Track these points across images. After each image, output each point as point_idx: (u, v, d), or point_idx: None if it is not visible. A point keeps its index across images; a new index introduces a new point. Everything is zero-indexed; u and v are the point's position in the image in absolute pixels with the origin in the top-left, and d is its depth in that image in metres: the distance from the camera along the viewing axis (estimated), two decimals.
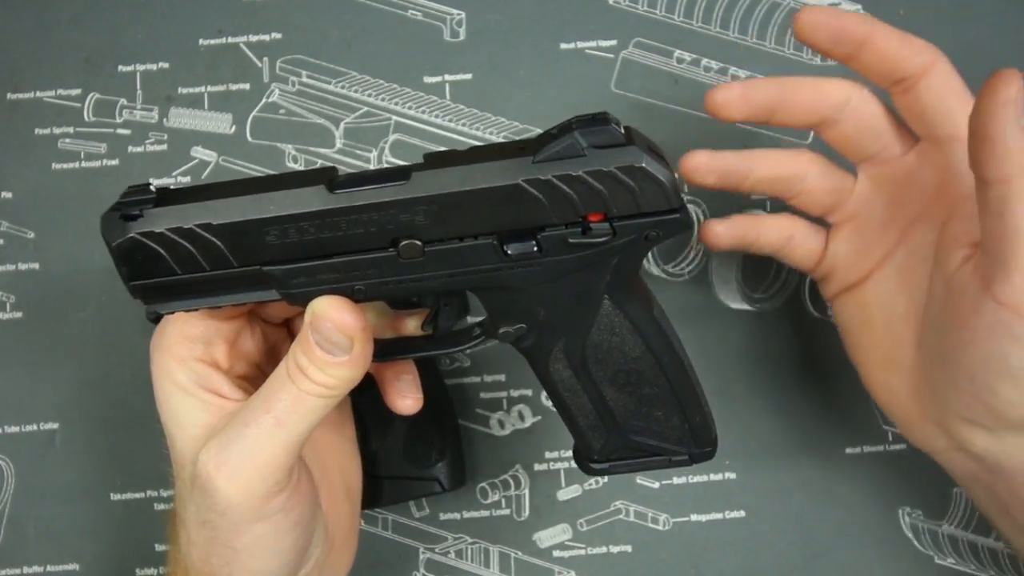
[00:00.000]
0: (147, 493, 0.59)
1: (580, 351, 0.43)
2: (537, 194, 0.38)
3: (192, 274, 0.41)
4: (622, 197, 0.38)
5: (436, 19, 0.63)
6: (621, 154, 0.38)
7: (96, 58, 0.63)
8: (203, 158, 0.62)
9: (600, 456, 0.47)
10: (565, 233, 0.39)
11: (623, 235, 0.39)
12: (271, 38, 0.63)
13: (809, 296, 0.60)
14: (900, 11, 0.63)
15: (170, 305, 0.42)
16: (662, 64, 0.62)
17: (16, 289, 0.61)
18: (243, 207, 0.39)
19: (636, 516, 0.59)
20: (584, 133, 0.38)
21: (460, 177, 0.38)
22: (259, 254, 0.40)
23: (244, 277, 0.41)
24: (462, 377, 0.60)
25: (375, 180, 0.39)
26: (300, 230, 0.39)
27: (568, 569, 0.59)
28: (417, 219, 0.39)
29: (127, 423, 0.59)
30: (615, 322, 0.42)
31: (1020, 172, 0.39)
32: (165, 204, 0.40)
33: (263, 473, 0.41)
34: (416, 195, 0.38)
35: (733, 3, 0.63)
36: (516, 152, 0.39)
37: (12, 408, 0.60)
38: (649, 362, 0.44)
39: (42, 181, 0.61)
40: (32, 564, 0.59)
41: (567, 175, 0.38)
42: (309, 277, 0.41)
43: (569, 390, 0.45)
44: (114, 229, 0.40)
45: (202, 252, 0.40)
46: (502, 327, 0.43)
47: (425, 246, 0.39)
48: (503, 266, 0.40)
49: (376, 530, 0.59)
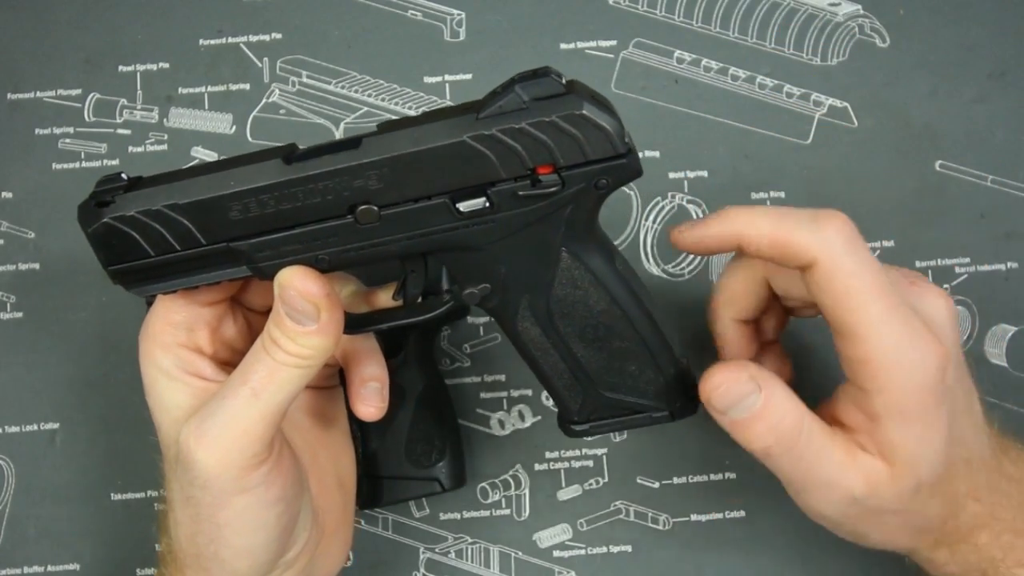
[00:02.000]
0: (147, 493, 0.59)
1: (545, 307, 0.44)
2: (483, 150, 0.39)
3: (165, 255, 0.42)
4: (567, 146, 0.39)
5: (436, 19, 0.63)
6: (562, 103, 0.38)
7: (96, 58, 0.63)
8: (203, 158, 0.62)
9: (580, 417, 0.47)
10: (514, 187, 0.40)
11: (572, 184, 0.39)
12: (271, 38, 0.63)
13: None
14: (900, 11, 0.63)
15: (148, 288, 0.44)
16: (662, 64, 0.62)
17: (16, 289, 0.61)
18: (206, 185, 0.41)
19: (636, 516, 0.59)
20: (525, 86, 0.38)
21: (407, 139, 0.39)
22: (225, 230, 0.41)
23: (214, 255, 0.42)
24: (462, 377, 0.60)
25: (329, 151, 0.40)
26: (260, 203, 0.41)
27: (568, 569, 0.59)
28: (370, 184, 0.40)
29: (127, 423, 0.59)
30: (576, 275, 0.43)
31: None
32: (136, 190, 0.42)
33: (241, 443, 0.41)
34: (367, 160, 0.39)
35: (733, 3, 0.63)
36: (462, 111, 0.39)
37: (12, 408, 0.60)
38: (616, 315, 0.44)
39: (42, 181, 0.61)
40: (32, 564, 0.59)
41: (510, 128, 0.38)
42: (274, 250, 0.42)
43: (540, 349, 0.45)
44: (88, 216, 0.42)
45: (172, 232, 0.42)
46: (466, 288, 0.43)
47: (381, 211, 0.40)
48: (458, 225, 0.41)
49: (376, 530, 0.59)
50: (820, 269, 0.42)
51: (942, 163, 0.61)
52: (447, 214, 0.40)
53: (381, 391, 0.48)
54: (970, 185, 0.61)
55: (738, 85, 0.62)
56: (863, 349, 0.41)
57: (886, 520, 0.44)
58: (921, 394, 0.42)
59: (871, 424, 0.42)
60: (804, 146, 0.61)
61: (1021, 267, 0.61)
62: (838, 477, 0.43)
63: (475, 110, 0.39)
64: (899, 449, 0.42)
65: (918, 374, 0.41)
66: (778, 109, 0.62)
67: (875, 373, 0.41)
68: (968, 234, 0.61)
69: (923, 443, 0.42)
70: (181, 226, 0.41)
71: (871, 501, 0.43)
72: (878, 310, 0.41)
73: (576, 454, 0.60)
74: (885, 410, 0.42)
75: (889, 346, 0.41)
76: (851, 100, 0.62)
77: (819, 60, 0.62)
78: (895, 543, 0.46)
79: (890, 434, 0.42)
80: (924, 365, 0.41)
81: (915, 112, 0.62)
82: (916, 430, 0.42)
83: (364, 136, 0.40)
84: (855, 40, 0.62)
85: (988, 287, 0.60)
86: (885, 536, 0.46)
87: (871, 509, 0.43)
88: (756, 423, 0.42)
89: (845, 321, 0.42)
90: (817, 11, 0.62)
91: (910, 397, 0.41)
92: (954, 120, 0.62)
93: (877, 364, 0.41)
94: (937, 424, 0.42)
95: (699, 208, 0.61)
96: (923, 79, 0.62)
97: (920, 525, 0.45)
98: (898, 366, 0.41)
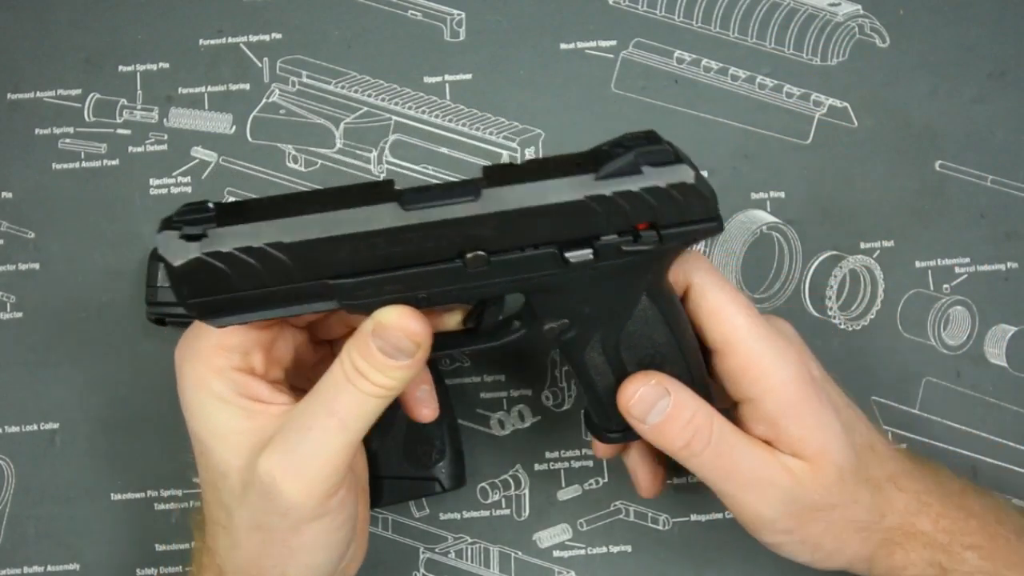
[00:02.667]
0: (147, 493, 0.59)
1: (615, 340, 0.46)
2: (598, 208, 0.41)
3: (255, 290, 0.41)
4: (671, 209, 0.42)
5: (436, 19, 0.63)
6: (673, 172, 0.41)
7: (96, 58, 0.63)
8: (203, 158, 0.62)
9: (617, 427, 0.49)
10: (619, 241, 0.42)
11: (668, 241, 0.42)
12: (271, 38, 0.63)
13: (809, 296, 0.60)
14: (900, 11, 0.63)
15: (227, 319, 0.42)
16: (662, 64, 0.62)
17: (16, 289, 0.61)
18: (315, 225, 0.40)
19: (636, 516, 0.59)
20: (641, 153, 0.41)
21: (528, 194, 0.41)
22: (326, 269, 0.41)
23: (308, 290, 0.42)
24: (462, 377, 0.60)
25: (443, 196, 0.41)
26: (371, 246, 0.41)
27: (568, 569, 0.59)
28: (485, 233, 0.41)
29: (127, 423, 0.59)
30: (649, 314, 0.46)
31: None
32: (226, 223, 0.40)
33: (327, 473, 0.42)
34: (486, 211, 0.41)
35: (733, 3, 0.63)
36: (575, 168, 0.41)
37: (12, 408, 0.60)
38: (672, 346, 0.46)
39: (42, 181, 0.61)
40: (32, 564, 0.59)
41: (627, 191, 0.41)
42: (375, 288, 0.42)
43: (599, 373, 0.47)
44: (176, 250, 0.40)
45: (268, 269, 0.41)
46: (547, 324, 0.45)
47: (490, 256, 0.42)
48: (560, 272, 0.43)
49: (376, 530, 0.59)
50: (694, 290, 0.46)
51: (942, 163, 0.61)
52: (553, 262, 0.42)
53: (432, 392, 0.50)
54: (970, 185, 0.61)
55: (738, 85, 0.62)
56: (741, 358, 0.46)
57: (829, 518, 0.47)
58: (801, 387, 0.46)
59: (773, 430, 0.46)
60: (804, 146, 0.61)
61: (1021, 267, 0.61)
62: (763, 471, 0.45)
63: (588, 168, 0.41)
64: (804, 442, 0.46)
65: (791, 369, 0.46)
66: (778, 109, 0.62)
67: (756, 378, 0.46)
68: (968, 234, 0.61)
69: (823, 431, 0.46)
70: (280, 263, 0.41)
71: (803, 496, 0.46)
72: (744, 322, 0.46)
73: (576, 454, 0.60)
74: (778, 410, 0.46)
75: (762, 350, 0.46)
76: (851, 100, 0.62)
77: (819, 60, 0.62)
78: (851, 549, 0.48)
79: (791, 431, 0.46)
80: (793, 362, 0.46)
81: (915, 112, 0.62)
82: (811, 421, 0.46)
83: (479, 184, 0.41)
84: (855, 40, 0.62)
85: (988, 287, 0.60)
86: (837, 539, 0.47)
87: (807, 506, 0.46)
88: (671, 424, 0.45)
89: (720, 333, 0.46)
90: (817, 11, 0.62)
91: (793, 392, 0.46)
92: (954, 120, 0.62)
93: (756, 369, 0.46)
94: (826, 412, 0.46)
95: None
96: (923, 79, 0.62)
97: (862, 520, 0.47)
98: (773, 366, 0.46)
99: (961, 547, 0.48)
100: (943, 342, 0.60)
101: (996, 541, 0.48)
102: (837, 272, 0.60)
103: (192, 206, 0.41)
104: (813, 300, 0.60)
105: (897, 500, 0.48)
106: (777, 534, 0.47)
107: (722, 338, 0.46)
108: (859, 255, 0.61)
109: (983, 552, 0.48)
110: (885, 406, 0.60)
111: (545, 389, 0.60)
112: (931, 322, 0.60)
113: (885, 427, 0.59)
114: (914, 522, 0.48)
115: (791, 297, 0.60)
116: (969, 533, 0.48)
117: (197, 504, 0.59)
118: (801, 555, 0.48)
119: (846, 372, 0.54)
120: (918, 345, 0.60)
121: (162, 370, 0.60)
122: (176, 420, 0.59)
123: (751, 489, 0.46)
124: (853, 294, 0.60)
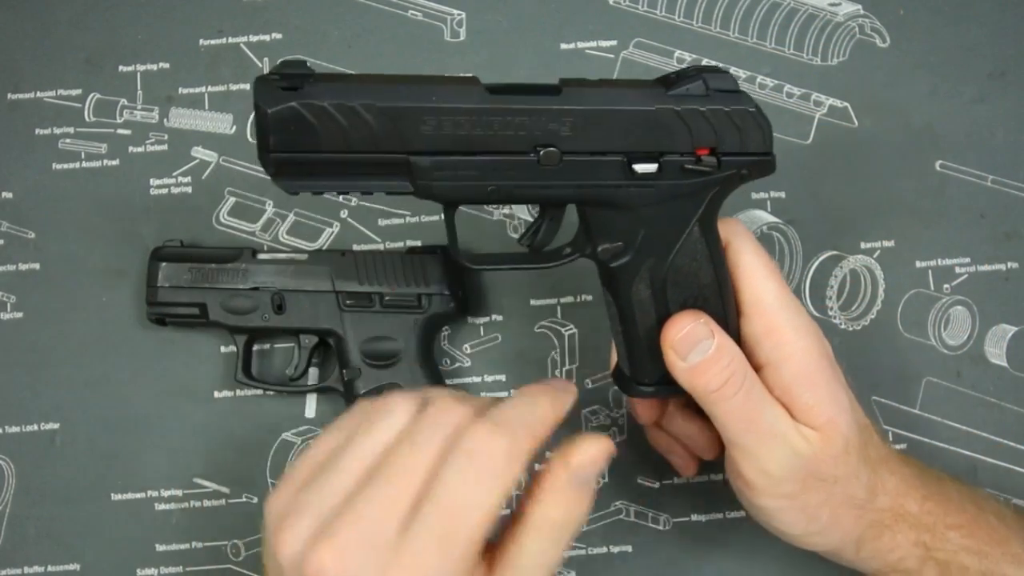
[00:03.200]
0: (147, 493, 0.59)
1: (663, 273, 0.47)
2: (666, 122, 0.44)
3: (340, 153, 0.42)
4: (731, 135, 0.44)
5: (436, 19, 0.63)
6: (736, 99, 0.44)
7: (96, 58, 0.63)
8: (203, 158, 0.62)
9: (649, 380, 0.50)
10: (682, 160, 0.44)
11: (725, 169, 0.45)
12: (271, 38, 0.63)
13: (809, 296, 0.60)
14: (900, 11, 0.63)
15: (304, 184, 0.43)
16: (662, 64, 0.62)
17: (16, 289, 0.61)
18: (406, 93, 0.42)
19: (636, 516, 0.59)
20: (710, 77, 0.44)
21: (604, 96, 0.43)
22: (409, 142, 0.42)
23: (387, 164, 0.43)
24: (462, 377, 0.60)
25: (527, 90, 0.43)
26: (455, 124, 0.42)
27: (568, 569, 0.59)
28: (562, 129, 0.43)
29: (127, 423, 0.59)
30: (696, 248, 0.47)
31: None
32: (323, 82, 0.41)
33: None
34: (566, 107, 0.43)
35: (733, 3, 0.63)
36: (650, 85, 0.44)
37: (12, 408, 0.60)
38: (714, 289, 0.48)
39: (42, 181, 0.61)
40: (32, 564, 0.59)
41: (694, 109, 0.44)
42: (451, 172, 0.43)
43: (643, 310, 0.48)
44: (272, 96, 0.41)
45: (356, 132, 0.42)
46: (602, 244, 0.46)
47: (563, 156, 0.43)
48: (625, 184, 0.44)
49: None
50: (732, 249, 0.48)
51: (942, 163, 0.61)
52: (620, 171, 0.44)
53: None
54: (970, 185, 0.61)
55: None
56: (766, 320, 0.47)
57: (831, 490, 0.47)
58: (818, 358, 0.47)
59: (787, 396, 0.47)
60: (804, 146, 0.61)
61: (1021, 267, 0.61)
62: (782, 427, 0.46)
63: (663, 86, 0.44)
64: (816, 411, 0.46)
65: (811, 340, 0.47)
66: (778, 109, 0.62)
67: (780, 342, 0.47)
68: (968, 234, 0.61)
69: (834, 403, 0.47)
70: (368, 128, 0.42)
71: (810, 462, 0.46)
72: (774, 287, 0.47)
73: None
74: (794, 379, 0.46)
75: (788, 317, 0.47)
76: (851, 100, 0.62)
77: (819, 60, 0.62)
78: (844, 527, 0.49)
79: (805, 398, 0.47)
80: (813, 333, 0.47)
81: (915, 112, 0.62)
82: (823, 391, 0.47)
83: (561, 85, 0.43)
84: (855, 40, 0.62)
85: (988, 287, 0.60)
86: (834, 514, 0.48)
87: (813, 473, 0.47)
88: (712, 365, 0.46)
89: (752, 294, 0.47)
90: (817, 11, 0.62)
91: (810, 361, 0.47)
92: (954, 120, 0.62)
93: (779, 334, 0.47)
94: (837, 386, 0.48)
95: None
96: (923, 79, 0.62)
97: (859, 497, 0.48)
98: (795, 333, 0.47)
99: (944, 527, 0.49)
100: (943, 342, 0.60)
101: (977, 522, 0.50)
102: (837, 272, 0.60)
103: (291, 63, 0.42)
104: (813, 300, 0.60)
105: (888, 481, 0.49)
106: (779, 498, 0.48)
107: (753, 299, 0.47)
108: (859, 255, 0.61)
109: (964, 532, 0.49)
110: (885, 406, 0.60)
111: None
112: (931, 322, 0.60)
113: (885, 427, 0.59)
114: (903, 503, 0.49)
115: None
116: (951, 514, 0.49)
117: (197, 504, 0.59)
118: (795, 525, 0.49)
119: (846, 372, 0.54)
120: (918, 345, 0.60)
121: (162, 370, 0.60)
122: (176, 420, 0.60)
123: (766, 443, 0.46)
124: (853, 294, 0.61)
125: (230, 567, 0.58)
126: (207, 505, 0.59)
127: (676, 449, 0.54)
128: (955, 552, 0.49)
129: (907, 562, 0.49)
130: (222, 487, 0.59)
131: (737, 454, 0.48)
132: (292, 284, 0.57)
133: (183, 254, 0.58)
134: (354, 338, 0.57)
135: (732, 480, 0.50)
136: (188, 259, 0.57)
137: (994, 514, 0.51)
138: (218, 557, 0.59)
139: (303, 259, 0.57)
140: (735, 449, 0.48)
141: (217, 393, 0.60)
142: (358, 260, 0.57)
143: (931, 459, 0.55)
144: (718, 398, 0.46)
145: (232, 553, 0.58)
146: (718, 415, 0.47)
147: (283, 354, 0.60)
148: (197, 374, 0.60)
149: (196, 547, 0.59)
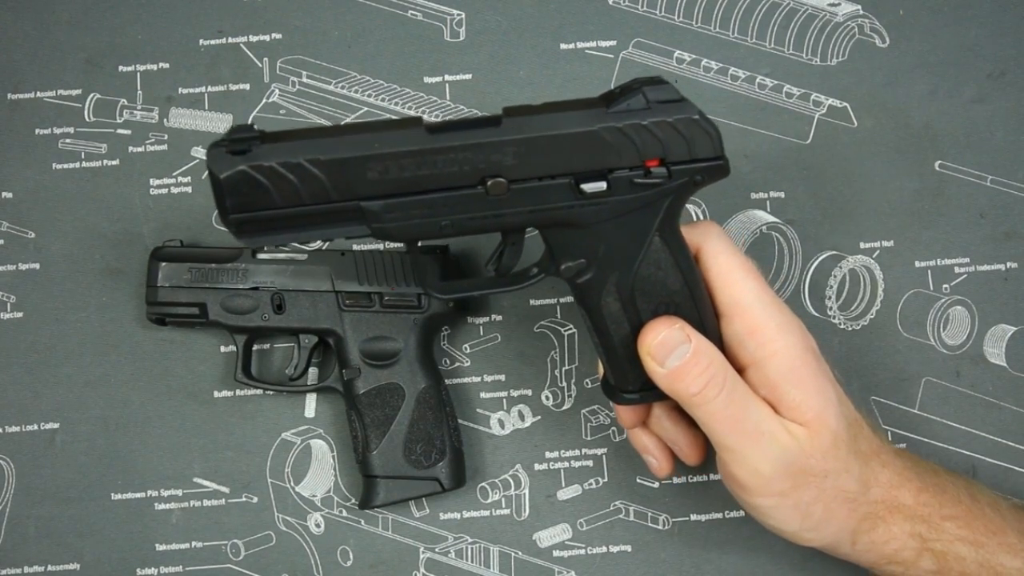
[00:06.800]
0: (147, 493, 0.59)
1: (630, 284, 0.48)
2: (610, 140, 0.44)
3: (294, 207, 0.44)
4: (678, 145, 0.45)
5: (436, 19, 0.63)
6: (679, 108, 0.45)
7: (96, 58, 0.63)
8: (203, 158, 0.62)
9: (632, 387, 0.51)
10: (631, 174, 0.45)
11: (677, 178, 0.45)
12: (271, 38, 0.63)
13: (809, 296, 0.60)
14: (900, 11, 0.63)
15: (266, 238, 0.45)
16: (662, 64, 0.62)
17: (16, 289, 0.61)
18: (349, 144, 0.43)
19: (636, 516, 0.59)
20: (650, 90, 0.44)
21: (545, 123, 0.44)
22: (358, 189, 0.44)
23: (341, 212, 0.44)
24: (462, 377, 0.60)
25: (467, 125, 0.44)
26: (400, 167, 0.44)
27: (568, 569, 0.59)
28: (506, 159, 0.44)
29: (127, 423, 0.60)
30: (660, 257, 0.47)
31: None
32: (269, 143, 0.43)
33: None
34: (507, 137, 0.44)
35: (733, 3, 0.63)
36: (589, 105, 0.45)
37: (12, 408, 0.60)
38: (685, 295, 0.48)
39: (42, 181, 0.61)
40: (32, 564, 0.59)
41: (636, 124, 0.44)
42: (403, 212, 0.45)
43: (615, 322, 0.49)
44: (223, 162, 0.43)
45: (306, 186, 0.43)
46: (564, 263, 0.47)
47: (510, 184, 0.44)
48: (576, 204, 0.45)
49: (376, 530, 0.59)
50: (705, 253, 0.48)
51: (942, 163, 0.61)
52: (569, 193, 0.45)
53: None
54: (970, 185, 0.61)
55: (738, 85, 0.62)
56: (748, 320, 0.47)
57: (822, 485, 0.48)
58: (803, 353, 0.47)
59: (774, 394, 0.47)
60: (804, 146, 0.62)
61: (1021, 267, 0.61)
62: (768, 426, 0.47)
63: (603, 104, 0.44)
64: (804, 407, 0.47)
65: (796, 335, 0.48)
66: (778, 109, 0.62)
67: (764, 340, 0.47)
68: (968, 234, 0.61)
69: (820, 397, 0.47)
70: (317, 181, 0.43)
71: (800, 458, 0.47)
72: (753, 286, 0.48)
73: (576, 454, 0.60)
74: (780, 376, 0.47)
75: (770, 315, 0.47)
76: (851, 100, 0.62)
77: (819, 60, 0.62)
78: (838, 521, 0.49)
79: (791, 395, 0.47)
80: (796, 330, 0.48)
81: (915, 112, 0.62)
82: (810, 387, 0.47)
83: (502, 116, 0.44)
84: (855, 40, 0.62)
85: (988, 287, 0.60)
86: (827, 508, 0.48)
87: (803, 468, 0.47)
88: (691, 368, 0.47)
89: (730, 295, 0.48)
90: (817, 11, 0.62)
91: (795, 357, 0.47)
92: (954, 120, 0.62)
93: (763, 330, 0.47)
94: (824, 380, 0.48)
95: (699, 208, 0.61)
96: (923, 79, 0.62)
97: (851, 491, 0.48)
98: (779, 331, 0.47)
99: (940, 518, 0.49)
100: (943, 342, 0.60)
101: (972, 512, 0.50)
102: (837, 272, 0.60)
103: (239, 128, 0.44)
104: (813, 300, 0.60)
105: (881, 474, 0.49)
106: (771, 496, 0.48)
107: (731, 300, 0.48)
108: (859, 255, 0.61)
109: (960, 522, 0.49)
110: (885, 406, 0.60)
111: (545, 389, 0.60)
112: (931, 322, 0.60)
113: (885, 427, 0.59)
114: (897, 495, 0.49)
115: (791, 297, 0.60)
116: (947, 505, 0.50)
117: (196, 504, 0.59)
118: (790, 523, 0.49)
119: (846, 372, 0.54)
120: (918, 345, 0.60)
121: (162, 370, 0.60)
122: (176, 420, 0.60)
123: (754, 443, 0.47)
124: (853, 294, 0.61)
125: (230, 567, 0.58)
126: (207, 505, 0.59)
127: (653, 451, 0.55)
128: (951, 542, 0.49)
129: (903, 553, 0.49)
130: (222, 487, 0.59)
131: (726, 455, 0.48)
132: (292, 284, 0.57)
133: (183, 254, 0.58)
134: (354, 338, 0.57)
135: (725, 481, 0.50)
136: (188, 259, 0.58)
137: (989, 505, 0.51)
138: (218, 557, 0.59)
139: (303, 259, 0.57)
140: (724, 451, 0.48)
141: (217, 393, 0.60)
142: (358, 260, 0.57)
143: (930, 459, 0.55)
144: (700, 400, 0.47)
145: (232, 553, 0.58)
146: (702, 417, 0.47)
147: (283, 354, 0.61)
148: (197, 374, 0.60)
149: (196, 547, 0.59)
